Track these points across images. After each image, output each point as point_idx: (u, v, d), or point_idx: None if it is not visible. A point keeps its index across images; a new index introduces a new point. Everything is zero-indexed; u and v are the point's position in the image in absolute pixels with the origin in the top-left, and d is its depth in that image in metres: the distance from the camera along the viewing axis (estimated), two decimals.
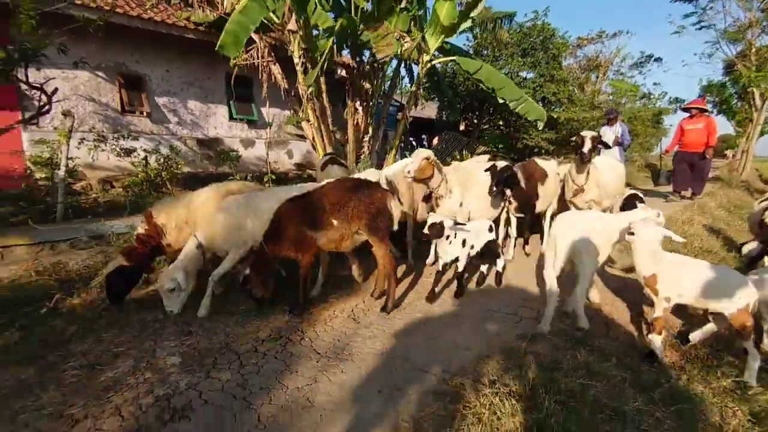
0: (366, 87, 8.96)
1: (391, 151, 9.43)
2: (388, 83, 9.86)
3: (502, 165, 4.54)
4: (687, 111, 8.74)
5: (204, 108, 10.76)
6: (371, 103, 9.15)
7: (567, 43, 14.65)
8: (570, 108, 13.58)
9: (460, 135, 15.51)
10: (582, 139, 4.63)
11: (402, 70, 9.80)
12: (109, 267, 3.65)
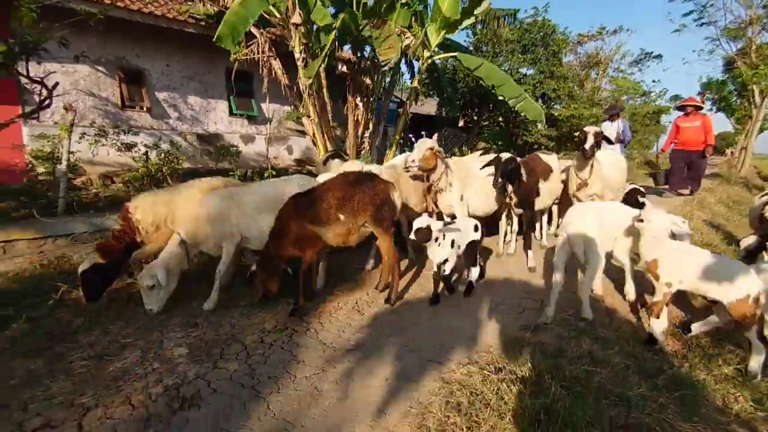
0: (366, 83, 8.96)
1: (392, 147, 9.43)
2: (388, 79, 9.86)
3: (506, 157, 4.38)
4: (682, 109, 8.65)
5: (204, 103, 10.74)
6: (371, 99, 9.15)
7: (567, 40, 14.64)
8: (570, 105, 13.60)
9: (459, 131, 15.51)
10: (585, 135, 4.63)
11: (402, 66, 9.79)
12: (84, 264, 3.45)
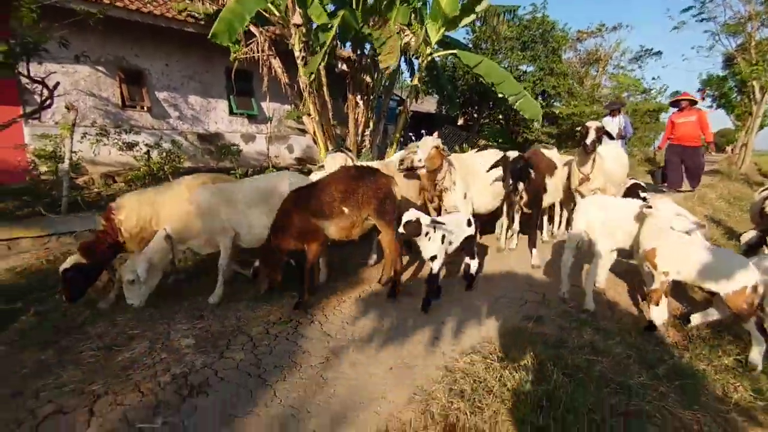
0: (366, 81, 9.00)
1: (392, 146, 9.47)
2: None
3: (513, 155, 4.23)
4: (676, 105, 8.51)
5: (204, 103, 10.77)
6: (372, 97, 9.19)
7: (567, 36, 14.69)
8: (570, 102, 13.64)
9: (459, 130, 15.56)
10: (586, 130, 4.64)
11: (402, 64, 9.83)
12: (66, 263, 3.37)
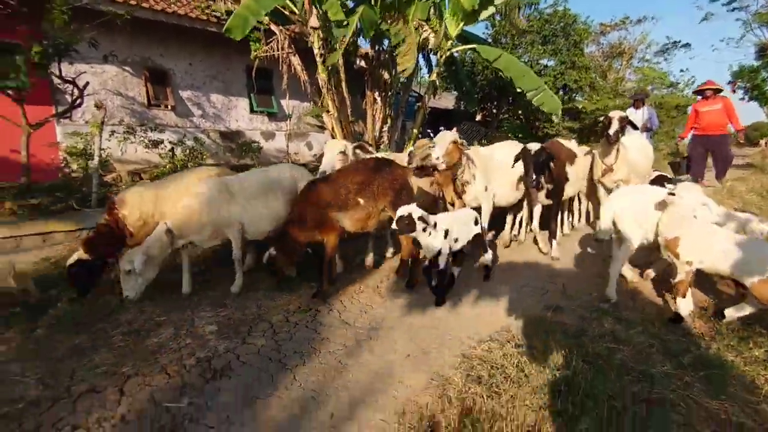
0: (385, 77, 9.01)
1: (410, 141, 9.46)
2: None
3: (535, 148, 4.04)
4: (700, 94, 8.04)
5: (226, 101, 10.99)
6: (390, 94, 9.20)
7: (589, 29, 14.36)
8: (592, 96, 13.35)
9: (478, 125, 15.42)
10: (609, 120, 4.54)
11: (420, 59, 9.79)
12: (72, 258, 3.45)
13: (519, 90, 8.26)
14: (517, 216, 5.28)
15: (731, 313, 3.04)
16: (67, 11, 6.12)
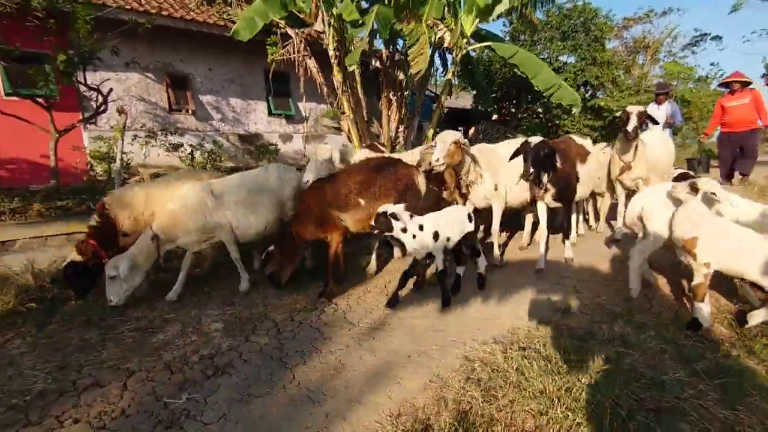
0: (399, 78, 8.99)
1: (426, 142, 9.40)
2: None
3: (536, 141, 3.77)
4: (726, 86, 7.55)
5: (244, 104, 11.20)
6: (405, 94, 9.17)
7: (611, 24, 13.94)
8: (614, 92, 12.95)
9: (497, 124, 15.18)
10: (627, 115, 4.37)
11: (436, 59, 9.73)
12: (68, 260, 3.49)
13: (536, 87, 8.09)
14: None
15: (754, 318, 2.87)
16: (91, 21, 6.36)
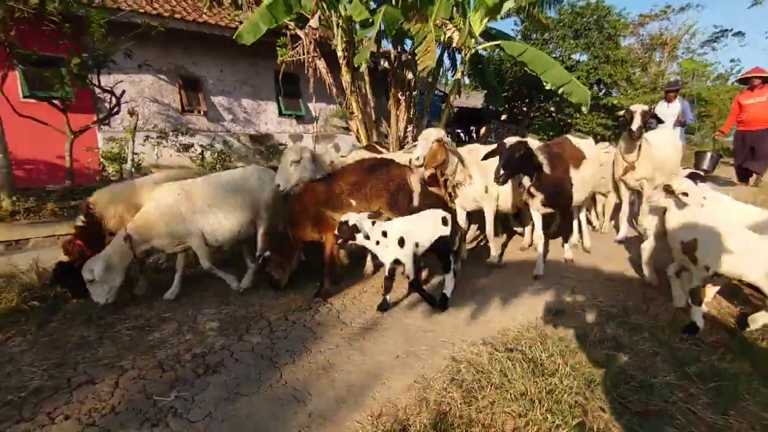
0: (408, 77, 8.98)
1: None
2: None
3: (512, 141, 3.47)
4: (745, 83, 7.24)
5: (255, 105, 11.34)
6: (413, 94, 9.16)
7: (625, 22, 13.65)
8: (628, 90, 12.68)
9: (508, 124, 15.03)
10: (631, 114, 4.28)
11: (445, 59, 9.69)
12: (57, 260, 3.50)
13: (546, 84, 7.98)
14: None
15: (757, 322, 2.79)
16: (105, 25, 6.54)
